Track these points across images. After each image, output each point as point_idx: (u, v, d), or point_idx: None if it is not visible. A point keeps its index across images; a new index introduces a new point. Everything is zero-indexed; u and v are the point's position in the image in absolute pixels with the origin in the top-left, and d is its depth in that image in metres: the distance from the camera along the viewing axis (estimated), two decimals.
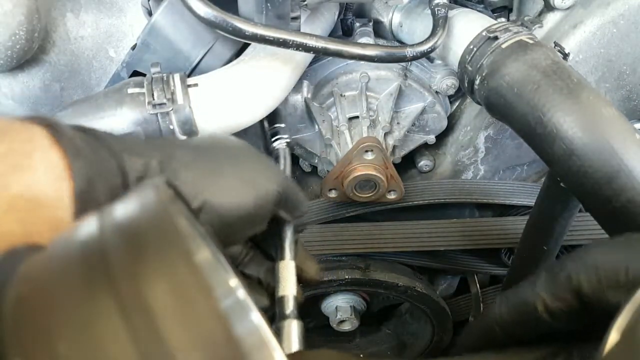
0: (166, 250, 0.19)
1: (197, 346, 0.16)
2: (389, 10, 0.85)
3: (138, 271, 0.18)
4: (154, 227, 0.20)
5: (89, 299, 0.18)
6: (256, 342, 0.17)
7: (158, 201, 0.21)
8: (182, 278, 0.18)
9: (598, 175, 0.50)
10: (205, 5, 0.55)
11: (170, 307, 0.17)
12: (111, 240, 0.19)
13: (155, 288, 0.18)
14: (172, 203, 0.21)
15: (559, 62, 0.58)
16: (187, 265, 0.18)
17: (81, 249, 0.20)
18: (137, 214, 0.20)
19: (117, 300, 0.17)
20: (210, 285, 0.18)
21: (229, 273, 0.21)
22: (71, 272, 0.19)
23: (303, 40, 0.59)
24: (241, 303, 0.18)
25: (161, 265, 0.18)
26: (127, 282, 0.18)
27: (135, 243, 0.19)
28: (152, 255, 0.19)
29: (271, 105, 0.67)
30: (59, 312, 0.18)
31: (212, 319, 0.17)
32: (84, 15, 0.73)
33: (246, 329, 0.17)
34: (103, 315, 0.17)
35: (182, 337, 0.17)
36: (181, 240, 0.19)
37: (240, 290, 0.18)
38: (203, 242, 0.21)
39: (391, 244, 0.83)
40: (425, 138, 0.86)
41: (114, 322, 0.17)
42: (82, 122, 0.58)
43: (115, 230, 0.20)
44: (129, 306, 0.17)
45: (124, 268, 0.18)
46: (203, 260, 0.19)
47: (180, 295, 0.17)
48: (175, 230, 0.19)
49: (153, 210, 0.20)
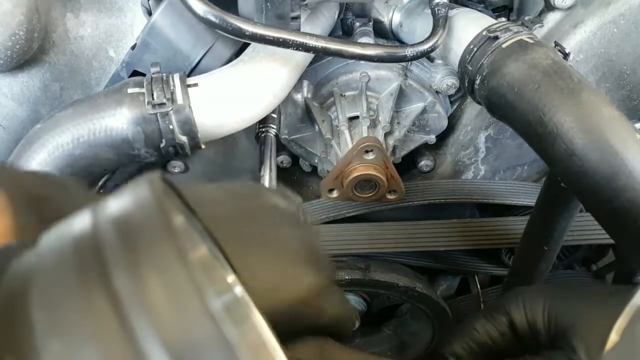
0: (160, 246, 0.18)
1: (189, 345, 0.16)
2: (389, 10, 0.85)
3: (132, 267, 0.18)
4: (148, 222, 0.19)
5: (82, 295, 0.17)
6: (253, 341, 0.17)
7: (153, 196, 0.20)
8: (175, 275, 0.17)
9: (598, 175, 0.50)
10: (205, 5, 0.55)
11: (164, 303, 0.17)
12: (105, 235, 0.19)
13: (149, 284, 0.17)
14: (167, 198, 0.20)
15: (560, 62, 0.57)
16: (181, 262, 0.18)
17: (74, 244, 0.19)
18: (131, 209, 0.20)
19: (111, 296, 0.17)
20: (203, 283, 0.17)
21: (226, 270, 0.20)
22: (64, 267, 0.18)
23: (303, 40, 0.59)
24: (239, 301, 0.18)
25: (155, 261, 0.18)
26: (121, 277, 0.17)
27: (129, 238, 0.19)
28: (146, 250, 0.18)
29: (271, 105, 0.67)
30: (51, 308, 0.17)
31: (203, 318, 0.16)
32: (83, 15, 0.73)
33: (242, 328, 0.17)
34: (96, 311, 0.17)
35: (175, 336, 0.16)
36: (175, 236, 0.18)
37: (238, 288, 0.18)
38: (200, 239, 0.20)
39: (391, 244, 0.83)
40: (426, 138, 0.86)
41: (107, 319, 0.17)
42: (82, 122, 0.58)
43: (108, 224, 0.19)
44: (122, 302, 0.17)
45: (117, 263, 0.18)
46: (199, 257, 0.18)
47: (173, 293, 0.17)
48: (169, 226, 0.19)
49: (147, 205, 0.20)
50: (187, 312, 0.17)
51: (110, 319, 0.17)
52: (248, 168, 0.87)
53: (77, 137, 0.58)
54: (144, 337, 0.16)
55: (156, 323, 0.16)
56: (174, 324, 0.16)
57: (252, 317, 0.17)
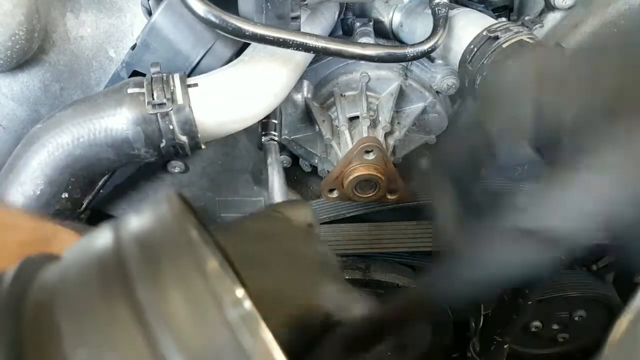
0: (180, 260, 0.19)
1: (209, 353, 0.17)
2: (390, 10, 0.85)
3: (154, 279, 0.19)
4: (168, 237, 0.20)
5: (107, 305, 0.18)
6: (265, 350, 0.18)
7: (171, 213, 0.22)
8: (195, 286, 0.18)
9: None
10: (205, 5, 0.55)
11: (185, 314, 0.18)
12: (128, 250, 0.20)
13: (170, 295, 0.18)
14: (184, 215, 0.22)
15: None
16: (200, 273, 0.19)
17: (98, 258, 0.20)
18: (152, 225, 0.21)
19: (134, 306, 0.18)
20: (221, 295, 0.18)
21: (236, 283, 0.21)
22: (89, 280, 0.19)
23: (303, 40, 0.59)
24: (250, 314, 0.19)
25: (176, 274, 0.19)
26: (144, 289, 0.18)
27: (151, 252, 0.20)
28: (167, 264, 0.19)
29: (271, 105, 0.67)
30: (77, 318, 0.18)
31: (222, 327, 0.17)
32: (83, 15, 0.73)
33: (255, 337, 0.18)
34: (120, 321, 0.18)
35: (196, 344, 0.17)
36: (194, 249, 0.20)
37: (247, 301, 0.19)
38: (211, 253, 0.21)
39: (391, 244, 0.83)
40: (426, 138, 0.86)
41: (130, 329, 0.17)
42: (82, 122, 0.58)
43: (131, 240, 0.21)
44: (145, 312, 0.18)
45: (140, 276, 0.19)
46: (213, 270, 0.19)
47: (194, 303, 0.18)
48: (188, 241, 0.20)
49: (167, 222, 0.21)
50: (206, 321, 0.18)
51: (133, 328, 0.17)
52: (248, 168, 0.87)
53: (77, 137, 0.58)
54: (166, 345, 0.17)
55: (177, 331, 0.17)
56: (194, 332, 0.17)
57: (261, 328, 0.18)
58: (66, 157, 0.58)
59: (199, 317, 0.18)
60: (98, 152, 0.59)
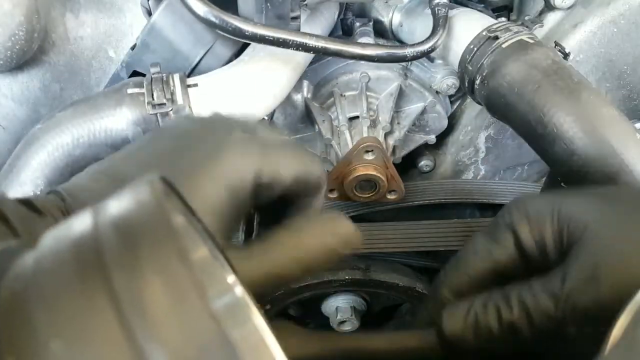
0: (161, 247, 0.18)
1: (190, 346, 0.16)
2: (389, 10, 0.85)
3: (132, 268, 0.18)
4: (149, 223, 0.19)
5: (83, 295, 0.17)
6: (254, 342, 0.17)
7: (153, 197, 0.20)
8: (176, 275, 0.17)
9: (598, 175, 0.50)
10: (205, 5, 0.55)
11: (164, 305, 0.17)
12: (105, 236, 0.19)
13: (149, 285, 0.17)
14: (167, 198, 0.21)
15: (560, 62, 0.57)
16: (182, 262, 0.18)
17: (74, 245, 0.19)
18: (132, 210, 0.20)
19: (112, 296, 0.17)
20: (205, 283, 0.17)
21: (226, 270, 0.20)
22: (65, 268, 0.18)
23: (303, 40, 0.59)
24: (239, 301, 0.18)
25: (156, 262, 0.18)
26: (122, 278, 0.17)
27: (129, 239, 0.19)
28: (147, 251, 0.18)
29: (271, 105, 0.67)
30: (52, 309, 0.17)
31: (205, 318, 0.17)
32: (83, 16, 0.73)
33: (243, 329, 0.17)
34: (97, 311, 0.17)
35: (176, 336, 0.16)
36: (176, 236, 0.18)
37: (238, 288, 0.18)
38: (200, 239, 0.20)
39: (391, 244, 0.83)
40: (426, 138, 0.86)
41: (108, 319, 0.17)
42: (81, 122, 0.58)
43: (109, 226, 0.19)
44: (123, 303, 0.17)
45: (118, 264, 0.18)
46: (199, 258, 0.18)
47: (174, 293, 0.17)
48: (169, 227, 0.19)
49: (147, 206, 0.20)
50: (188, 312, 0.17)
51: (110, 319, 0.17)
52: None
53: (77, 138, 0.58)
54: (144, 338, 0.16)
55: (156, 324, 0.16)
56: (174, 325, 0.16)
57: (252, 318, 0.17)
58: (66, 158, 0.58)
59: (179, 308, 0.17)
60: (98, 152, 0.59)
